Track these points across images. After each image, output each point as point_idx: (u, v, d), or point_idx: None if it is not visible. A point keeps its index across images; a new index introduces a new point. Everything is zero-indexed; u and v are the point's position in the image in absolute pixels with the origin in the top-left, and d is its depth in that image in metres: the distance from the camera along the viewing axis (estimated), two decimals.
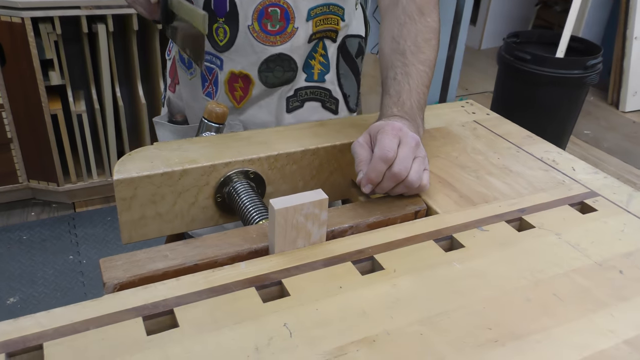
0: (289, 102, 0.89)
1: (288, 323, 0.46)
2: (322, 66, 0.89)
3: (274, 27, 0.81)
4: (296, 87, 0.88)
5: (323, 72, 0.89)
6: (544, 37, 2.60)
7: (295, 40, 0.83)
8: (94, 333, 0.43)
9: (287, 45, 0.83)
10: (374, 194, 0.65)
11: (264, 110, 0.89)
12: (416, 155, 0.62)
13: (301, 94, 0.89)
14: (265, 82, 0.86)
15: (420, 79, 0.72)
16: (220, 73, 0.86)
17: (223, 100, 0.88)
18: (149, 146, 0.71)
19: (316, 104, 0.91)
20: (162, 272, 0.51)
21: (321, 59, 0.88)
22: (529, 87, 2.40)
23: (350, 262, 0.54)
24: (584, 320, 0.49)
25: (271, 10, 0.81)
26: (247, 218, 0.66)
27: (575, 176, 0.72)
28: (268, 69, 0.85)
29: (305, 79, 0.88)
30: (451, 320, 0.48)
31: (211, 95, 0.88)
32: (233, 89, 0.87)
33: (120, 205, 0.65)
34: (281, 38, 0.83)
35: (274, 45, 0.83)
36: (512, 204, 0.65)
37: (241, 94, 0.87)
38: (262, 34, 0.82)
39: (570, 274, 0.54)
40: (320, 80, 0.90)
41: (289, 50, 0.84)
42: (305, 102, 0.90)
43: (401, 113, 0.68)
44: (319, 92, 0.90)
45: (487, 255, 0.56)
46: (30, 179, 2.11)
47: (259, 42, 0.82)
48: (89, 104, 2.12)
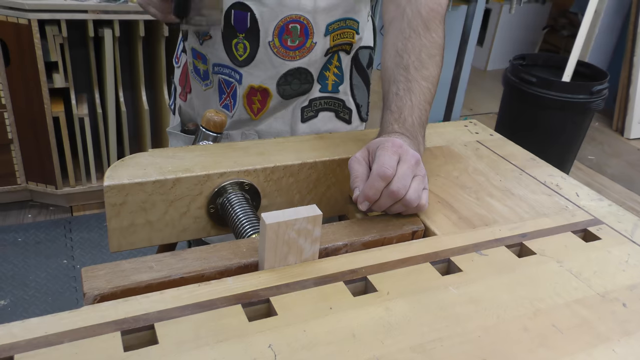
0: (303, 112, 0.90)
1: (273, 344, 0.44)
2: (336, 77, 0.90)
3: (294, 42, 0.82)
4: (311, 97, 0.89)
5: (337, 83, 0.90)
6: (551, 61, 2.59)
7: (313, 55, 0.85)
8: (68, 347, 0.41)
9: (305, 59, 0.85)
10: (371, 211, 0.63)
11: (279, 120, 0.90)
12: (416, 174, 0.61)
13: (315, 104, 0.90)
14: (283, 94, 0.87)
15: (423, 96, 0.70)
16: (239, 87, 0.86)
17: (241, 113, 0.89)
18: (143, 153, 0.69)
19: (330, 114, 0.92)
20: (145, 284, 0.49)
21: (336, 70, 0.89)
22: (533, 109, 2.39)
23: (343, 282, 0.52)
24: (584, 355, 0.46)
25: (292, 26, 0.81)
26: (239, 231, 0.64)
27: (579, 202, 0.70)
28: (286, 82, 0.86)
29: (319, 89, 0.89)
30: (444, 349, 0.45)
31: (229, 107, 0.89)
32: (251, 102, 0.87)
33: (110, 211, 0.64)
34: (300, 53, 0.84)
35: (293, 60, 0.84)
36: (513, 228, 0.63)
37: (259, 106, 0.87)
38: (282, 49, 0.83)
39: (571, 304, 0.52)
40: (334, 91, 0.91)
41: (306, 64, 0.85)
42: (320, 112, 0.91)
43: (402, 130, 0.67)
44: (333, 102, 0.91)
45: (485, 280, 0.54)
46: (29, 181, 2.10)
47: (279, 57, 0.83)
48: (92, 108, 2.11)
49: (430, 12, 0.75)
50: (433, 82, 0.73)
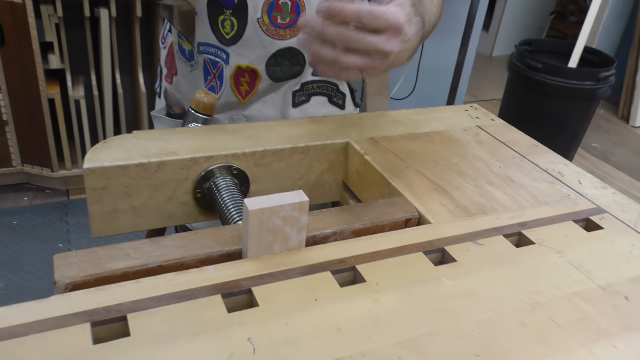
0: (295, 96, 0.86)
1: (253, 338, 0.41)
2: None
3: (284, 20, 0.78)
4: (303, 81, 0.85)
5: None
6: (558, 47, 2.54)
7: None
8: (34, 339, 0.39)
9: (297, 39, 0.80)
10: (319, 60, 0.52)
11: (270, 105, 0.85)
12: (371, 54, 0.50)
13: (308, 89, 0.86)
14: (273, 76, 0.82)
15: (432, 14, 0.67)
16: (227, 67, 0.82)
17: (228, 95, 0.84)
18: (127, 135, 0.67)
19: (323, 98, 0.88)
20: (121, 272, 0.46)
21: None
22: (539, 96, 2.35)
23: (330, 272, 0.49)
24: (583, 351, 0.44)
25: (282, 3, 0.77)
26: (226, 217, 0.62)
27: (582, 190, 0.67)
28: (276, 63, 0.81)
29: (312, 72, 0.85)
30: (436, 344, 0.43)
31: (215, 89, 0.85)
32: (239, 83, 0.83)
33: (91, 196, 0.61)
34: (291, 32, 0.79)
35: (284, 39, 0.80)
36: (512, 217, 0.60)
37: (247, 88, 0.83)
38: (271, 27, 0.78)
39: (572, 297, 0.50)
40: None
41: (297, 45, 0.81)
42: (312, 97, 0.86)
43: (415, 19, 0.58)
44: (327, 86, 0.87)
45: (481, 272, 0.51)
46: (24, 164, 2.08)
47: (268, 36, 0.79)
48: (88, 90, 2.08)
49: None
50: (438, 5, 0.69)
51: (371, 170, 0.68)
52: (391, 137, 0.74)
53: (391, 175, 0.65)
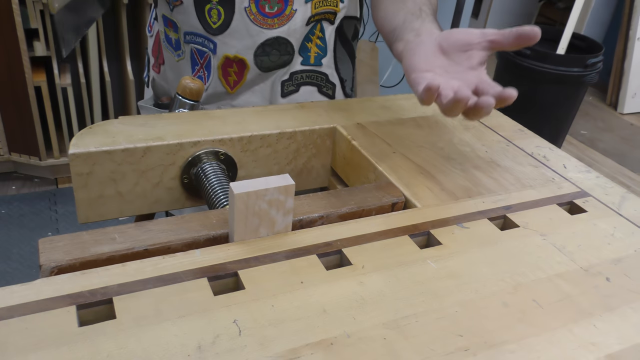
0: (284, 86, 0.85)
1: (238, 320, 0.42)
2: (319, 49, 0.84)
3: (272, 9, 0.77)
4: (292, 70, 0.84)
5: (320, 55, 0.85)
6: (546, 33, 2.54)
7: (292, 23, 0.79)
8: (18, 321, 0.39)
9: (285, 28, 0.79)
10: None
11: (258, 94, 0.84)
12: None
13: (297, 78, 0.85)
14: (261, 66, 0.81)
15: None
16: (214, 57, 0.81)
17: (216, 85, 0.83)
18: (113, 120, 0.66)
19: (312, 88, 0.87)
20: (107, 256, 0.47)
21: (318, 41, 0.84)
22: (527, 83, 2.35)
23: (316, 255, 0.49)
24: (564, 330, 0.45)
25: None
26: (213, 202, 0.62)
27: (566, 174, 0.68)
28: (264, 52, 0.80)
29: (301, 62, 0.84)
30: (419, 325, 0.43)
31: (202, 79, 0.84)
32: (227, 74, 0.82)
33: (76, 181, 0.61)
34: (279, 21, 0.78)
35: (271, 28, 0.78)
36: (496, 201, 0.61)
37: (235, 78, 0.82)
38: (259, 16, 0.77)
39: (554, 278, 0.50)
40: (317, 64, 0.85)
41: (286, 34, 0.80)
42: (301, 87, 0.86)
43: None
44: (316, 76, 0.86)
45: (465, 254, 0.52)
46: (11, 152, 2.06)
47: (256, 25, 0.78)
48: (75, 78, 2.06)
49: None
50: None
51: (358, 155, 0.68)
52: (378, 122, 0.74)
53: (377, 160, 0.66)
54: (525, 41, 0.55)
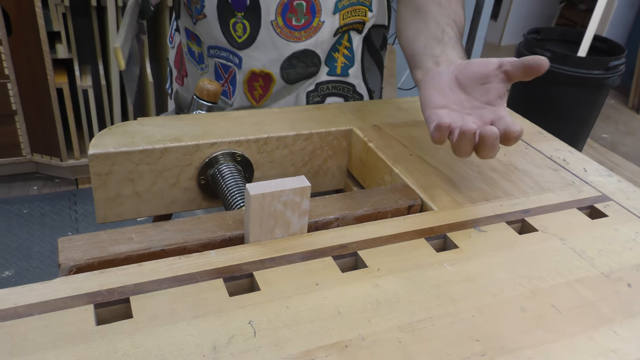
0: (309, 97, 0.83)
1: (253, 321, 0.42)
2: (346, 59, 0.82)
3: (299, 21, 0.75)
4: (317, 81, 0.82)
5: (347, 65, 0.83)
6: (566, 35, 2.51)
7: (320, 35, 0.77)
8: (38, 319, 0.39)
9: (312, 40, 0.77)
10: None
11: (283, 106, 0.83)
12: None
13: (322, 89, 0.83)
14: (287, 79, 0.80)
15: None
16: (239, 72, 0.79)
17: (241, 100, 0.82)
18: (132, 121, 0.67)
19: (338, 99, 0.85)
20: (124, 255, 0.47)
21: (345, 51, 0.82)
22: (546, 86, 2.32)
23: (331, 257, 0.49)
24: (584, 336, 0.44)
25: (296, 3, 0.74)
26: (229, 203, 0.62)
27: (587, 178, 0.67)
28: (290, 65, 0.78)
29: (327, 72, 0.82)
30: (435, 328, 0.43)
31: (227, 94, 0.83)
32: (252, 88, 0.81)
33: (95, 181, 0.62)
34: (306, 33, 0.76)
35: (298, 41, 0.77)
36: (514, 204, 0.60)
37: (261, 92, 0.81)
38: (285, 29, 0.75)
39: (573, 284, 0.49)
40: (344, 74, 0.83)
41: (313, 46, 0.78)
42: (327, 97, 0.84)
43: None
44: (342, 86, 0.84)
45: (482, 258, 0.51)
46: (33, 153, 2.10)
47: (282, 38, 0.76)
48: (96, 80, 2.09)
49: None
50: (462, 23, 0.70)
51: (374, 157, 0.68)
52: (394, 124, 0.74)
53: (394, 162, 0.65)
54: (532, 72, 0.53)
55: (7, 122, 1.99)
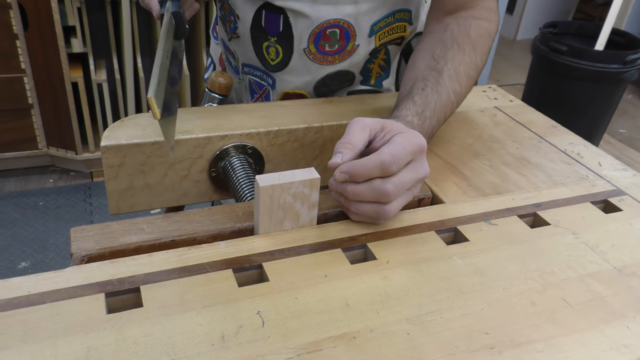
0: None
1: (262, 311, 0.42)
2: (381, 70, 0.80)
3: (332, 47, 0.73)
4: (350, 90, 0.80)
5: (382, 76, 0.81)
6: (583, 29, 2.48)
7: (355, 57, 0.75)
8: (50, 307, 0.40)
9: (346, 62, 0.75)
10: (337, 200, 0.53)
11: None
12: (410, 189, 0.51)
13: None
14: (320, 95, 0.79)
15: (445, 108, 0.61)
16: (273, 92, 0.79)
17: None
18: (144, 113, 0.67)
19: None
20: (135, 246, 0.47)
21: (382, 62, 0.79)
22: (563, 80, 2.29)
23: (341, 249, 0.49)
24: (595, 331, 0.43)
25: (330, 31, 0.72)
26: (239, 194, 0.62)
27: (601, 172, 0.66)
28: (324, 84, 0.77)
29: (361, 82, 0.80)
30: (444, 321, 0.43)
31: None
32: None
33: (108, 173, 0.62)
34: (340, 57, 0.74)
35: (332, 64, 0.75)
36: (527, 198, 0.59)
37: None
38: (319, 55, 0.73)
39: (585, 278, 0.49)
40: (377, 85, 0.81)
41: (347, 67, 0.76)
42: None
43: (420, 130, 0.57)
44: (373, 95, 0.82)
45: (493, 251, 0.51)
46: (49, 146, 2.12)
47: (316, 63, 0.74)
48: (110, 74, 2.10)
49: (479, 37, 0.67)
50: (458, 102, 0.64)
51: None
52: None
53: None
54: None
55: (23, 116, 2.01)
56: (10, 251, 1.78)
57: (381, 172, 0.48)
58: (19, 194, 2.04)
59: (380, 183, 0.48)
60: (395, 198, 0.49)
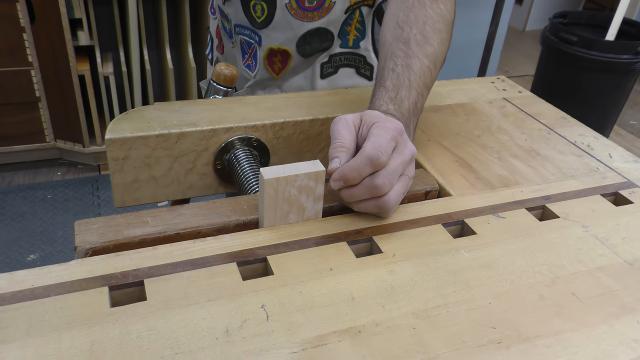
0: (323, 68, 0.87)
1: (266, 305, 0.41)
2: (357, 32, 0.85)
3: (312, 2, 0.79)
4: (331, 53, 0.86)
5: (358, 38, 0.86)
6: (594, 19, 2.44)
7: (332, 14, 0.81)
8: (54, 300, 0.40)
9: (324, 19, 0.81)
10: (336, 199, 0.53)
11: (301, 76, 0.87)
12: (404, 173, 0.50)
13: (335, 60, 0.86)
14: (303, 53, 0.84)
15: (422, 76, 0.60)
16: (259, 49, 0.84)
17: (262, 73, 0.86)
18: (149, 106, 0.67)
19: (350, 70, 0.88)
20: (139, 239, 0.47)
21: (357, 25, 0.85)
22: (572, 71, 2.27)
23: (346, 242, 0.49)
24: (605, 326, 0.43)
25: None
26: (244, 187, 0.62)
27: (612, 164, 0.65)
28: (305, 42, 0.83)
29: (340, 45, 0.85)
30: (450, 315, 0.42)
31: (250, 67, 0.88)
32: (272, 62, 0.85)
33: (113, 166, 0.62)
34: (319, 13, 0.80)
35: (312, 21, 0.81)
36: (535, 190, 0.58)
37: (280, 66, 0.86)
38: (299, 10, 0.80)
39: (595, 272, 0.48)
40: (355, 47, 0.87)
41: (325, 24, 0.81)
42: (340, 68, 0.87)
43: (398, 114, 0.56)
44: (354, 58, 0.87)
45: (501, 244, 0.50)
46: (57, 139, 2.13)
47: (297, 19, 0.80)
48: (117, 67, 2.10)
49: None
50: (436, 61, 0.62)
51: None
52: None
53: None
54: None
55: (31, 109, 2.02)
56: (19, 244, 1.79)
57: (372, 167, 0.47)
58: (27, 186, 2.05)
59: (369, 180, 0.48)
60: (390, 188, 0.49)
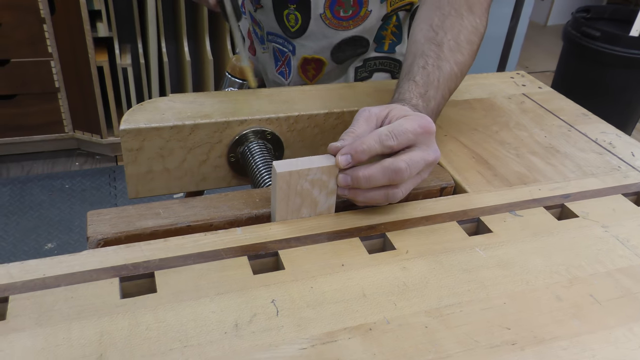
0: (357, 72, 0.85)
1: (277, 300, 0.41)
2: (394, 36, 0.84)
3: (347, 12, 0.77)
4: (365, 57, 0.84)
5: (394, 42, 0.84)
6: (618, 14, 2.39)
7: (368, 23, 0.79)
8: (64, 290, 0.40)
9: (360, 28, 0.79)
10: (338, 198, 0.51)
11: (333, 80, 0.87)
12: (420, 172, 0.49)
13: (370, 65, 0.85)
14: (337, 61, 0.83)
15: (449, 81, 0.59)
16: (293, 58, 0.83)
17: (296, 80, 0.86)
18: (163, 97, 0.67)
19: (385, 74, 0.86)
20: (150, 230, 0.47)
21: (394, 29, 0.83)
22: (595, 67, 2.22)
23: (359, 237, 0.48)
24: (623, 329, 0.41)
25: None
26: (257, 180, 0.61)
27: (634, 163, 0.63)
28: (340, 50, 0.82)
29: (375, 49, 0.84)
30: (464, 314, 0.41)
31: (284, 75, 0.87)
32: (305, 70, 0.85)
33: (127, 157, 0.62)
34: (354, 22, 0.78)
35: (347, 30, 0.79)
36: (554, 189, 0.57)
37: (314, 73, 0.85)
38: (334, 20, 0.78)
39: (614, 273, 0.47)
40: (391, 51, 0.85)
41: (361, 32, 0.80)
42: (374, 73, 0.86)
43: (425, 112, 0.55)
44: (389, 62, 0.86)
45: (517, 243, 0.49)
46: (75, 129, 2.15)
47: (331, 28, 0.79)
48: (135, 58, 2.11)
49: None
50: (463, 70, 0.61)
51: None
52: None
53: None
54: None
55: (50, 100, 2.04)
56: (38, 232, 1.82)
57: (382, 147, 0.47)
58: (46, 176, 2.08)
59: (392, 161, 0.47)
60: (409, 177, 0.48)
